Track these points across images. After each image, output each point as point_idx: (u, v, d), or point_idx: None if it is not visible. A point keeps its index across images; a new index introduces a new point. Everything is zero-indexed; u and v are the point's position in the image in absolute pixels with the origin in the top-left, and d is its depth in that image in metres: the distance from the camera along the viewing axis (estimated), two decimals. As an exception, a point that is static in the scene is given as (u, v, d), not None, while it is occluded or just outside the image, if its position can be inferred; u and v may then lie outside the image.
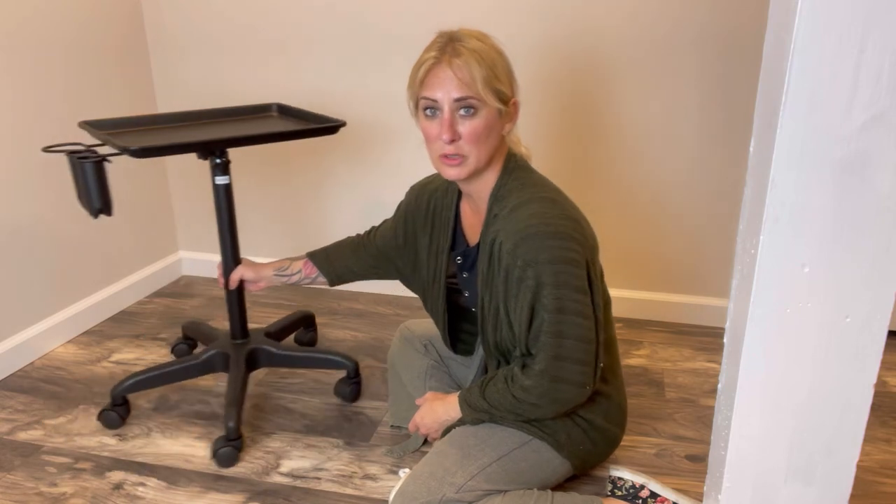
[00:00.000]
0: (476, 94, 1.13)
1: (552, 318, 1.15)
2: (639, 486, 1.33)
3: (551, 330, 1.15)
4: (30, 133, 1.83)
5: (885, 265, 0.74)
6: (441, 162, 1.19)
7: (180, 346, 1.88)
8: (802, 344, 0.79)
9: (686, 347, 1.97)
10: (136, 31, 2.17)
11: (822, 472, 0.85)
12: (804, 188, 0.73)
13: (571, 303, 1.15)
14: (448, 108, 1.14)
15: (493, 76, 1.14)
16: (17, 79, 1.78)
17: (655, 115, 1.94)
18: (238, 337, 1.68)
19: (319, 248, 1.59)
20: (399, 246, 1.47)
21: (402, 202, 1.47)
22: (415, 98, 1.19)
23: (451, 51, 1.13)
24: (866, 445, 1.53)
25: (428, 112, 1.17)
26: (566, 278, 1.14)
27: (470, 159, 1.17)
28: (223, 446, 1.46)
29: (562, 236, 1.15)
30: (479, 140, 1.15)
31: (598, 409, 1.30)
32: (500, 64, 1.16)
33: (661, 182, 2.00)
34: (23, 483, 1.42)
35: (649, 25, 1.86)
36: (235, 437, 1.47)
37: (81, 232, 2.03)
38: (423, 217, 1.40)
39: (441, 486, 1.18)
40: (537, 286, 1.14)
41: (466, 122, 1.15)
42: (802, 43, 0.68)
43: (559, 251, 1.14)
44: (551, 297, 1.14)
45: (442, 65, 1.13)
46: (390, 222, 1.51)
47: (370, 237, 1.55)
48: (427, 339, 1.61)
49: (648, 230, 2.05)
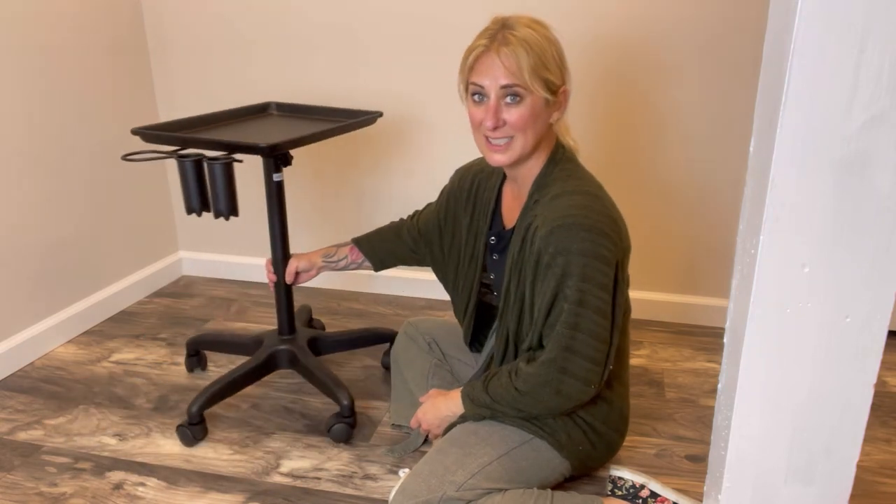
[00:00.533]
0: (522, 83, 1.14)
1: (571, 310, 1.15)
2: (639, 486, 1.33)
3: (568, 321, 1.16)
4: (30, 133, 1.83)
5: (885, 265, 0.74)
6: (487, 148, 1.22)
7: (191, 360, 1.83)
8: (802, 344, 0.79)
9: (686, 347, 1.97)
10: (136, 33, 2.17)
11: (822, 472, 0.85)
12: (804, 188, 0.73)
13: (593, 298, 1.16)
14: (494, 94, 1.16)
15: (541, 65, 1.15)
16: (18, 79, 1.78)
17: (654, 116, 1.93)
18: (285, 333, 1.69)
19: (364, 234, 1.61)
20: (440, 227, 1.49)
21: (447, 185, 1.49)
22: (464, 82, 1.22)
23: (501, 39, 1.15)
24: (866, 445, 1.53)
25: (476, 97, 1.19)
26: (593, 273, 1.15)
27: (515, 145, 1.19)
28: (337, 423, 1.51)
29: (598, 231, 1.16)
30: (525, 127, 1.18)
31: (598, 412, 1.30)
32: (550, 52, 1.17)
33: (660, 182, 2.00)
34: (23, 483, 1.42)
35: (647, 26, 1.86)
36: (349, 414, 1.51)
37: (81, 232, 2.03)
38: (466, 198, 1.42)
39: (442, 484, 1.18)
40: (563, 275, 1.15)
41: (512, 109, 1.17)
42: (802, 43, 0.68)
43: (592, 245, 1.15)
44: (575, 288, 1.15)
45: (490, 53, 1.15)
46: (434, 205, 1.53)
47: (413, 220, 1.57)
48: (431, 337, 1.61)
49: (648, 230, 2.05)
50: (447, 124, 2.07)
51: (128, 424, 1.61)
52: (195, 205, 1.48)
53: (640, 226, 2.05)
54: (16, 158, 1.80)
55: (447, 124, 2.07)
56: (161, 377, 1.81)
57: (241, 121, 1.73)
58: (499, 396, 1.23)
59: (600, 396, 1.29)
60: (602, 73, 1.93)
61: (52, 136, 1.89)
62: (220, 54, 2.17)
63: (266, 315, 2.16)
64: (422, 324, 1.66)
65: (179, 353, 1.93)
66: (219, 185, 1.43)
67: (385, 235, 1.59)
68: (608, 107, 1.96)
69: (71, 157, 1.96)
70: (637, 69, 1.90)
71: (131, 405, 1.68)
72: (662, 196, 2.01)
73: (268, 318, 2.13)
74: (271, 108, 1.83)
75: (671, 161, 1.97)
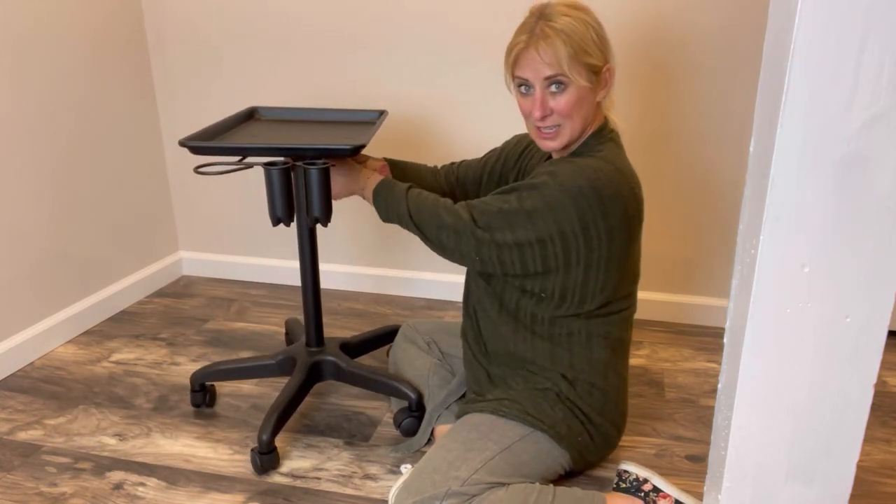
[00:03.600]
0: (563, 73, 1.18)
1: (517, 195, 1.21)
2: (642, 480, 1.35)
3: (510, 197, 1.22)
4: (29, 133, 1.83)
5: (885, 265, 0.74)
6: (538, 135, 1.26)
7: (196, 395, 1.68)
8: (802, 344, 0.79)
9: (686, 347, 1.97)
10: (136, 33, 2.17)
11: (822, 472, 0.85)
12: (804, 188, 0.73)
13: (529, 212, 1.20)
14: (539, 86, 1.21)
15: (582, 51, 1.18)
16: (18, 79, 1.78)
17: (654, 115, 1.93)
18: (313, 345, 1.64)
19: (399, 159, 1.59)
20: (480, 177, 1.52)
21: (505, 144, 1.52)
22: (510, 74, 1.26)
23: (540, 33, 1.18)
24: (866, 445, 1.53)
25: (522, 89, 1.24)
26: (553, 202, 1.18)
27: (564, 132, 1.24)
28: (407, 417, 1.52)
29: (590, 187, 1.18)
30: (572, 113, 1.22)
31: (594, 402, 1.32)
32: (589, 36, 1.19)
33: (660, 181, 2.00)
34: (23, 483, 1.42)
35: (647, 26, 1.86)
36: (417, 408, 1.52)
37: (81, 232, 2.03)
38: (516, 160, 1.47)
39: (445, 479, 1.19)
40: (531, 181, 1.22)
41: (558, 97, 1.21)
42: (802, 43, 0.68)
43: (576, 187, 1.17)
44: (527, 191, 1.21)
45: (530, 49, 1.19)
46: (480, 157, 1.56)
47: (453, 165, 1.59)
48: (430, 337, 1.61)
49: (648, 230, 2.05)
50: (452, 124, 2.07)
51: (128, 424, 1.61)
52: (282, 214, 1.42)
53: (640, 226, 2.05)
54: (15, 158, 1.80)
55: (452, 124, 2.07)
56: (161, 377, 1.81)
57: (266, 123, 1.67)
58: (416, 202, 1.30)
59: (593, 385, 1.31)
60: (602, 73, 1.93)
61: (52, 137, 1.89)
62: (221, 54, 2.17)
63: (266, 315, 2.16)
64: (420, 325, 1.67)
65: (179, 353, 1.93)
66: (314, 191, 1.38)
67: (420, 170, 1.58)
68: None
69: (71, 157, 1.96)
70: (637, 69, 1.90)
71: (131, 405, 1.68)
72: (663, 195, 2.01)
73: (268, 319, 2.13)
74: (258, 113, 1.74)
75: (671, 161, 1.97)
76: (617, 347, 1.33)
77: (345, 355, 1.64)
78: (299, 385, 1.55)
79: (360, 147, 1.35)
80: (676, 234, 2.04)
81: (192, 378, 1.64)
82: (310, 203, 1.40)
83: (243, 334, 2.04)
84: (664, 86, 1.90)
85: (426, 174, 1.57)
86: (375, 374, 1.57)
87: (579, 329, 1.30)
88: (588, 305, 1.27)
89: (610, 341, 1.32)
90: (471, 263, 1.28)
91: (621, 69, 1.91)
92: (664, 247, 2.06)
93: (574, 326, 1.30)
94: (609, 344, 1.32)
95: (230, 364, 1.64)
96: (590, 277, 1.24)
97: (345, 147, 1.34)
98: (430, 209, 1.29)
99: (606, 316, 1.30)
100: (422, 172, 1.57)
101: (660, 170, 1.98)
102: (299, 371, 1.58)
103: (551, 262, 1.23)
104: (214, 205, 2.37)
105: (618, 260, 1.25)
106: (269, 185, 1.40)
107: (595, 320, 1.30)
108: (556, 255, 1.21)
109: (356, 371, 1.59)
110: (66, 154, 1.95)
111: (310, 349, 1.64)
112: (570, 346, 1.31)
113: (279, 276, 2.39)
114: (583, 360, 1.31)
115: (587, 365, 1.31)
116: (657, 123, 1.94)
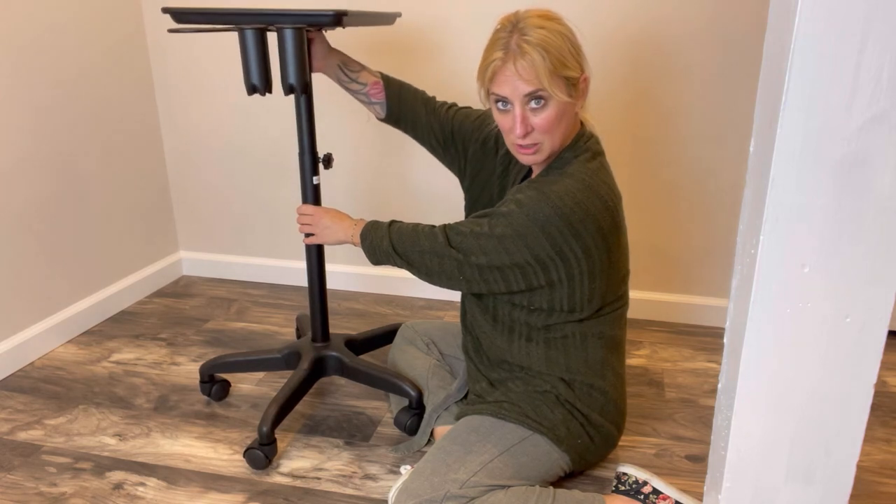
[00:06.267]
0: (543, 88, 1.15)
1: (489, 221, 1.21)
2: (642, 482, 1.34)
3: (483, 222, 1.22)
4: (29, 133, 1.83)
5: (885, 265, 0.74)
6: (517, 150, 1.23)
7: (205, 386, 1.71)
8: (802, 344, 0.79)
9: (686, 347, 1.97)
10: (136, 33, 2.17)
11: (822, 472, 0.85)
12: (804, 188, 0.73)
13: (500, 237, 1.19)
14: (518, 103, 1.17)
15: (560, 64, 1.15)
16: (18, 79, 1.78)
17: (654, 115, 1.94)
18: (318, 340, 1.66)
19: (395, 78, 1.52)
20: (478, 139, 1.45)
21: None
22: (485, 90, 1.22)
23: (516, 49, 1.14)
24: (866, 445, 1.53)
25: (500, 105, 1.20)
26: (522, 231, 1.17)
27: (544, 146, 1.21)
28: (411, 416, 1.53)
29: (556, 215, 1.16)
30: (552, 128, 1.19)
31: (594, 403, 1.32)
32: (566, 47, 1.16)
33: (660, 181, 2.00)
34: (23, 483, 1.42)
35: (647, 26, 1.86)
36: (418, 405, 1.52)
37: (81, 231, 2.03)
38: (506, 153, 1.41)
39: (444, 482, 1.19)
40: (500, 209, 1.21)
41: (539, 113, 1.18)
42: (802, 43, 0.68)
43: (543, 217, 1.16)
44: (496, 218, 1.20)
45: (507, 65, 1.15)
46: (477, 113, 1.48)
47: (445, 109, 1.51)
48: (429, 338, 1.61)
49: (648, 230, 2.05)
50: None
51: (128, 424, 1.61)
52: (257, 81, 1.35)
53: (641, 225, 2.05)
54: (15, 159, 1.80)
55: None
56: (161, 377, 1.81)
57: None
58: (399, 234, 1.30)
59: (592, 386, 1.31)
60: (602, 73, 1.93)
61: (52, 137, 1.89)
62: (221, 53, 2.17)
63: (266, 315, 2.16)
64: (419, 325, 1.67)
65: (179, 353, 1.93)
66: (288, 55, 1.32)
67: (416, 97, 1.51)
68: (608, 107, 1.96)
69: (71, 156, 1.96)
70: (636, 69, 1.90)
71: (131, 405, 1.68)
72: (663, 196, 2.01)
73: (268, 319, 2.13)
74: None
75: (671, 161, 1.97)
76: (612, 346, 1.33)
77: (349, 351, 1.65)
78: (303, 379, 1.55)
79: (341, 14, 1.26)
80: (676, 234, 2.04)
81: (201, 369, 1.67)
82: (285, 69, 1.35)
83: (243, 334, 2.04)
84: (664, 86, 1.90)
85: (419, 105, 1.50)
86: (378, 370, 1.58)
87: (573, 332, 1.30)
88: (579, 314, 1.28)
89: (605, 340, 1.32)
90: (458, 285, 1.27)
91: (621, 69, 1.91)
92: (664, 247, 2.06)
93: (568, 330, 1.30)
94: (604, 343, 1.32)
95: (237, 356, 1.66)
96: (575, 290, 1.24)
97: (326, 13, 1.25)
98: (410, 237, 1.29)
99: (600, 317, 1.31)
100: (416, 100, 1.50)
101: (660, 170, 1.98)
102: (303, 365, 1.59)
103: (533, 282, 1.23)
104: (214, 205, 2.37)
105: (602, 271, 1.24)
106: (244, 49, 1.34)
107: (589, 322, 1.30)
108: (537, 276, 1.21)
109: (359, 367, 1.60)
110: (66, 154, 1.95)
111: (315, 344, 1.65)
112: (566, 348, 1.31)
113: (279, 276, 2.39)
114: (579, 361, 1.31)
115: (584, 366, 1.31)
116: (657, 123, 1.94)
